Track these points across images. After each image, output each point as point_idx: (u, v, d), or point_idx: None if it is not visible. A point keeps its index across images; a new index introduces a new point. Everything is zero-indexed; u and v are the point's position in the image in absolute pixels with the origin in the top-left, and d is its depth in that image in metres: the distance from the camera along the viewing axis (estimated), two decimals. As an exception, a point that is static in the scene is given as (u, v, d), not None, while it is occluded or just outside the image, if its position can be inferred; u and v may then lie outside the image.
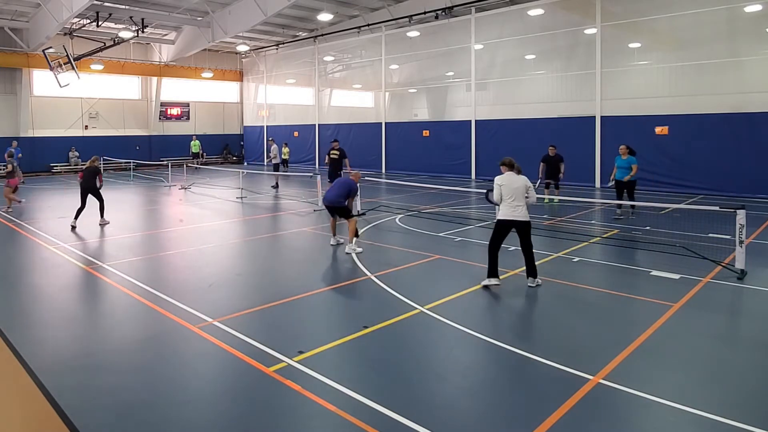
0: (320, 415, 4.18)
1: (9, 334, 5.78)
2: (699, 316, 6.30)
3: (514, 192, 7.14)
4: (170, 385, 4.74)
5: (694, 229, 10.75)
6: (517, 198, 7.14)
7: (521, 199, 7.14)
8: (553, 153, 15.15)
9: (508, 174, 7.32)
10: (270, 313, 6.51)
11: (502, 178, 7.29)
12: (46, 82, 26.60)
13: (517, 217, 7.15)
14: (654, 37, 19.22)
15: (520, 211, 7.15)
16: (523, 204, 7.16)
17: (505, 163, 7.45)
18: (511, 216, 7.15)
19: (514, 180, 7.22)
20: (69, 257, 9.43)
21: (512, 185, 7.18)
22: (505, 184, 7.23)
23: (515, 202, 7.13)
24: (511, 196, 7.15)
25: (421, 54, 25.54)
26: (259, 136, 33.77)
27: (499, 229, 7.28)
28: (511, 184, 7.20)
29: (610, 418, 4.11)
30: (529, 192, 7.18)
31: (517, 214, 7.15)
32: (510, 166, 7.40)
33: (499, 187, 7.28)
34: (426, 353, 5.33)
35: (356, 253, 9.31)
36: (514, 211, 7.14)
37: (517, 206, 7.13)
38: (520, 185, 7.18)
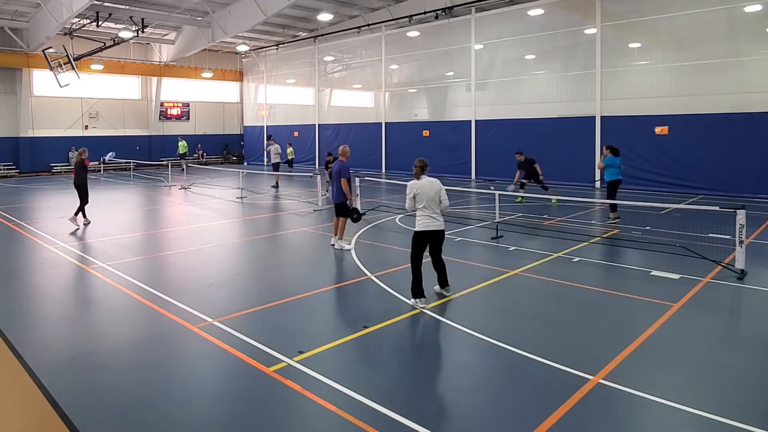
0: (320, 415, 4.18)
1: (9, 334, 5.78)
2: (699, 316, 6.30)
3: (430, 199, 6.53)
4: (170, 385, 4.74)
5: (694, 229, 10.75)
6: (432, 206, 6.55)
7: (437, 206, 6.57)
8: (521, 159, 15.45)
9: (422, 179, 6.67)
10: (270, 313, 6.51)
11: (417, 183, 6.64)
12: (46, 82, 26.60)
13: (437, 227, 6.58)
14: (654, 37, 19.22)
15: (438, 220, 6.59)
16: (439, 211, 6.61)
17: (417, 166, 6.76)
18: (432, 226, 6.56)
19: (429, 185, 6.59)
20: (69, 257, 9.43)
21: (427, 192, 6.55)
22: (420, 191, 6.59)
23: (432, 210, 6.55)
24: (427, 203, 6.54)
25: (421, 54, 25.54)
26: (259, 136, 33.78)
27: (420, 243, 6.65)
28: (426, 190, 6.56)
29: (610, 418, 4.11)
30: (442, 197, 6.58)
31: (437, 224, 6.58)
32: (422, 169, 6.76)
33: (414, 193, 6.63)
34: (426, 353, 5.33)
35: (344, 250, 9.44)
36: (432, 221, 6.56)
37: (435, 214, 6.56)
38: (435, 192, 6.57)
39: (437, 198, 6.55)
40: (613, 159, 12.28)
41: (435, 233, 6.61)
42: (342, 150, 9.91)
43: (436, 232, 6.60)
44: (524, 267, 8.40)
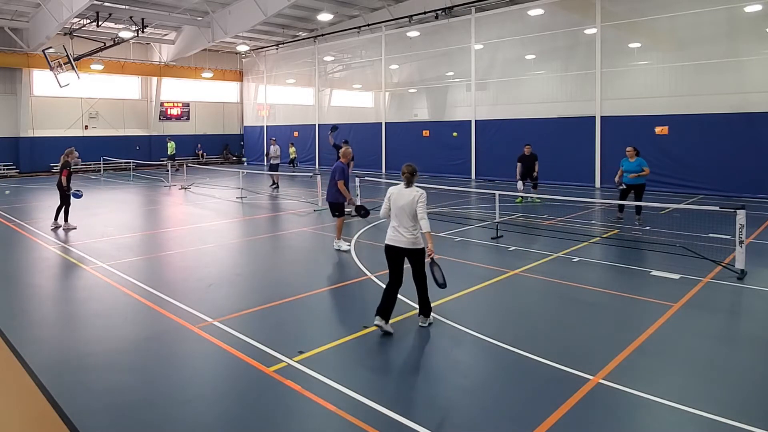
0: (320, 415, 4.18)
1: (9, 334, 5.78)
2: (699, 316, 6.30)
3: (399, 210, 5.78)
4: (170, 385, 4.74)
5: (694, 229, 10.74)
6: (402, 218, 5.77)
7: (408, 220, 5.73)
8: (528, 152, 15.30)
9: (400, 186, 5.93)
10: (270, 313, 6.51)
11: (393, 189, 5.98)
12: (46, 82, 26.60)
13: (399, 243, 5.77)
14: (654, 37, 19.22)
15: (404, 235, 5.75)
16: (410, 227, 5.74)
17: (402, 172, 5.97)
18: (393, 241, 5.83)
19: (402, 195, 5.82)
20: (69, 257, 9.42)
21: (397, 202, 5.81)
22: (392, 199, 5.93)
23: (399, 223, 5.80)
24: (397, 214, 5.82)
25: (421, 54, 25.53)
26: (259, 136, 33.77)
27: (387, 256, 5.95)
28: (396, 199, 5.85)
29: (610, 418, 4.11)
30: (419, 211, 5.66)
31: (399, 240, 5.78)
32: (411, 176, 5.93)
33: (387, 201, 6.01)
34: (426, 353, 5.32)
35: (341, 250, 9.38)
36: (396, 235, 5.80)
37: (402, 228, 5.77)
38: (406, 202, 5.73)
39: (408, 211, 5.71)
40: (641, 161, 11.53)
41: (396, 250, 5.82)
42: (343, 152, 9.69)
43: (397, 249, 5.81)
44: (524, 267, 8.40)
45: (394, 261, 5.88)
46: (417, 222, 5.71)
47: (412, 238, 5.75)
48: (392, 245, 5.84)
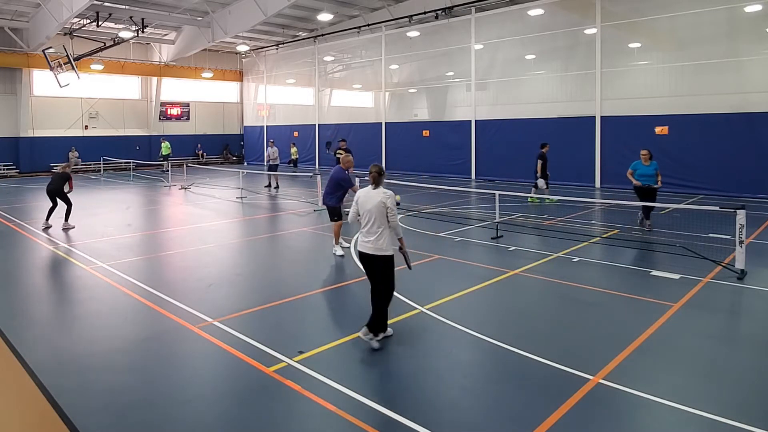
0: (320, 415, 4.18)
1: (9, 334, 5.78)
2: (699, 316, 6.30)
3: (367, 214, 5.42)
4: (170, 385, 4.74)
5: (694, 229, 10.74)
6: (369, 222, 5.40)
7: (375, 225, 5.36)
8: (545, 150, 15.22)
9: (368, 188, 5.58)
10: (270, 313, 6.51)
11: (362, 192, 5.61)
12: (46, 82, 26.60)
13: (369, 250, 5.38)
14: (654, 37, 19.22)
15: (374, 241, 5.35)
16: (380, 231, 5.34)
17: (369, 172, 5.60)
18: (363, 248, 5.44)
19: (369, 197, 5.46)
20: (69, 257, 9.42)
21: (365, 205, 5.46)
22: (359, 202, 5.56)
23: (370, 227, 5.39)
24: (366, 218, 5.44)
25: (421, 54, 25.54)
26: (259, 136, 33.77)
27: (362, 265, 5.60)
28: (363, 201, 5.49)
29: (610, 418, 4.11)
30: (389, 213, 5.34)
31: (368, 246, 5.38)
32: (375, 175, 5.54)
33: (355, 204, 5.62)
34: (426, 353, 5.32)
35: (337, 255, 9.20)
36: (366, 241, 5.42)
37: (369, 233, 5.39)
38: (374, 205, 5.36)
39: (376, 214, 5.34)
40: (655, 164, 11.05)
41: (366, 258, 5.44)
42: (344, 159, 9.41)
43: (367, 257, 5.43)
44: (524, 267, 8.40)
45: (369, 268, 5.51)
46: (385, 226, 5.35)
47: (379, 244, 5.34)
48: (362, 252, 5.48)
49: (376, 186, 5.51)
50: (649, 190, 10.89)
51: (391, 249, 5.41)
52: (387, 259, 5.39)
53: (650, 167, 10.91)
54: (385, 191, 5.46)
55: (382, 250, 5.36)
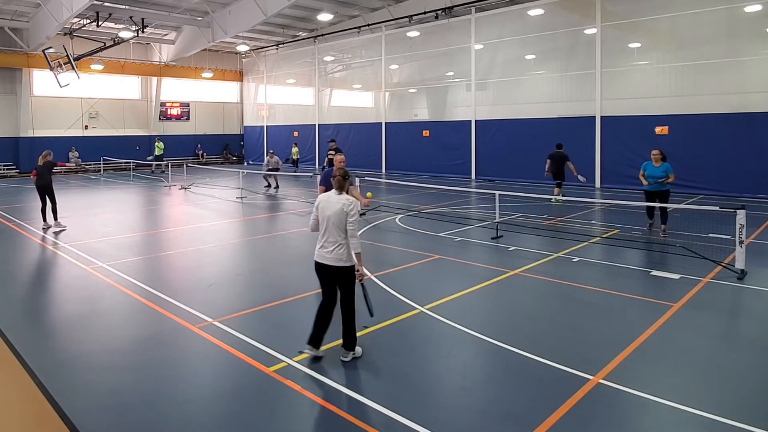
0: (320, 414, 4.18)
1: (9, 334, 5.78)
2: (699, 316, 6.30)
3: (326, 221, 5.03)
4: (170, 385, 4.74)
5: (694, 229, 10.75)
6: (329, 230, 5.01)
7: (335, 233, 4.97)
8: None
9: (330, 193, 5.14)
10: (270, 313, 6.51)
11: (323, 197, 5.17)
12: (46, 82, 26.58)
13: (325, 261, 5.01)
14: (654, 37, 19.22)
15: (329, 250, 4.99)
16: (338, 241, 4.96)
17: (333, 176, 5.19)
18: (320, 256, 5.07)
19: (330, 203, 5.04)
20: (69, 257, 9.42)
21: (325, 210, 5.05)
22: (320, 207, 5.14)
23: (327, 236, 5.03)
24: (325, 225, 5.06)
25: (421, 54, 25.54)
26: (259, 136, 33.78)
27: (317, 275, 5.19)
28: (325, 208, 5.07)
29: (610, 418, 4.11)
30: (350, 221, 4.93)
31: (325, 257, 5.01)
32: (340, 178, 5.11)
33: (315, 210, 5.20)
34: (426, 353, 5.32)
35: None
36: (323, 250, 5.05)
37: (328, 242, 5.01)
38: (334, 212, 4.97)
39: (336, 221, 4.95)
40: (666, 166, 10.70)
41: (324, 269, 5.07)
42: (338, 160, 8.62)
43: (324, 268, 5.05)
44: (524, 267, 8.40)
45: (324, 280, 5.14)
46: (345, 236, 4.95)
47: (339, 254, 4.95)
48: (318, 262, 5.10)
49: (340, 191, 5.08)
50: (658, 194, 10.56)
51: (353, 259, 5.02)
52: (348, 270, 5.00)
53: (659, 169, 10.54)
54: (348, 198, 5.04)
55: (342, 261, 4.96)
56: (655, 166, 10.61)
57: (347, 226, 4.94)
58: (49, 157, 12.45)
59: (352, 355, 5.10)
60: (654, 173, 10.57)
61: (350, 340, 5.10)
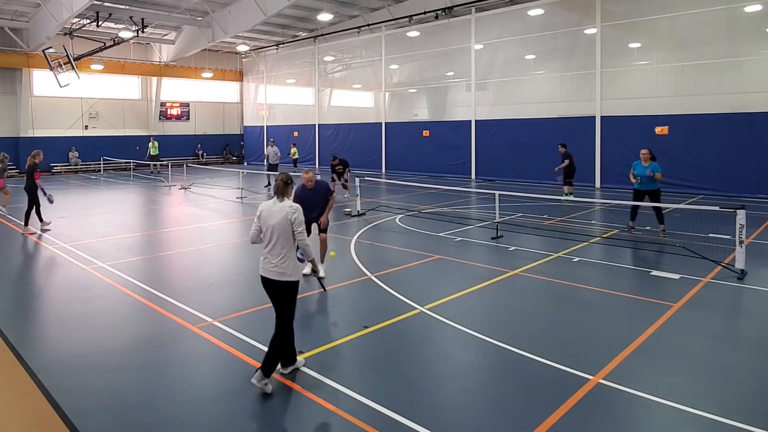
0: (320, 415, 4.18)
1: (9, 334, 5.78)
2: (699, 316, 6.30)
3: (269, 231, 4.64)
4: (170, 385, 4.73)
5: (694, 229, 10.74)
6: (272, 241, 4.62)
7: (278, 244, 4.59)
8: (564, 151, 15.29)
9: (272, 201, 4.77)
10: (270, 313, 6.47)
11: (265, 206, 4.78)
12: (46, 82, 26.60)
13: (270, 275, 4.61)
14: (654, 37, 19.22)
15: (277, 264, 4.58)
16: (285, 252, 4.59)
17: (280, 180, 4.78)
18: (266, 271, 4.65)
19: (273, 212, 4.67)
20: (69, 257, 9.42)
21: (267, 220, 4.67)
22: (262, 216, 4.73)
23: (273, 247, 4.62)
24: (268, 236, 4.65)
25: (421, 54, 25.54)
26: (259, 136, 33.78)
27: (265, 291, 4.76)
28: (267, 218, 4.68)
29: (610, 418, 4.11)
30: (297, 231, 4.61)
31: (270, 271, 4.61)
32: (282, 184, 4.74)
33: (257, 219, 4.77)
34: (426, 353, 5.32)
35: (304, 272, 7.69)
36: (268, 263, 4.64)
37: (271, 254, 4.61)
38: (277, 221, 4.60)
39: (279, 231, 4.59)
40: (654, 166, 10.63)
41: (268, 283, 4.66)
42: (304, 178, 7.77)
43: (269, 282, 4.65)
44: (524, 267, 8.40)
45: (271, 295, 4.74)
46: (290, 247, 4.63)
47: (283, 267, 4.58)
48: (263, 276, 4.68)
49: (281, 198, 4.71)
50: (648, 192, 10.59)
51: (298, 274, 4.69)
52: (290, 285, 4.63)
53: (647, 168, 10.55)
54: (291, 204, 4.69)
55: (286, 275, 4.59)
56: (643, 166, 10.63)
57: (295, 235, 4.62)
58: (37, 159, 11.86)
59: (288, 370, 4.76)
60: (642, 172, 10.62)
61: (288, 356, 4.75)
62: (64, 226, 12.40)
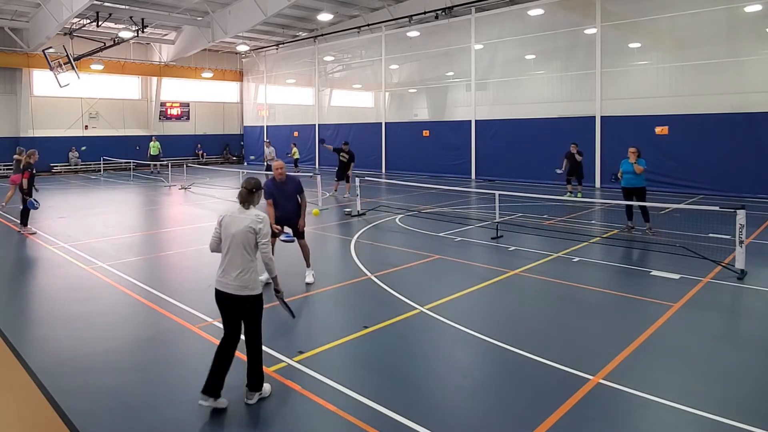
0: (320, 414, 4.18)
1: (9, 334, 5.78)
2: (699, 316, 6.30)
3: (229, 241, 4.27)
4: (170, 385, 4.74)
5: (694, 229, 10.74)
6: (232, 252, 4.24)
7: (239, 256, 4.22)
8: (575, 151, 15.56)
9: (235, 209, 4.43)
10: (270, 313, 6.49)
11: (227, 213, 4.44)
12: (46, 82, 26.60)
13: (228, 290, 4.22)
14: (654, 37, 19.23)
15: (237, 277, 4.19)
16: (242, 265, 4.20)
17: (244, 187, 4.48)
18: (221, 286, 4.26)
19: (235, 220, 4.32)
20: (69, 257, 9.42)
21: (229, 228, 4.30)
22: (223, 224, 4.37)
23: (230, 258, 4.24)
24: (227, 246, 4.29)
25: (421, 54, 25.54)
26: (259, 136, 33.78)
27: (218, 306, 4.35)
28: (228, 226, 4.32)
29: (610, 418, 4.11)
30: (261, 242, 4.25)
31: (228, 285, 4.21)
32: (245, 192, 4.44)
33: (218, 226, 4.42)
34: (426, 353, 5.32)
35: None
36: (226, 276, 4.24)
37: (231, 266, 4.23)
38: (238, 230, 4.24)
39: (241, 241, 4.22)
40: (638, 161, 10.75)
41: (226, 298, 4.25)
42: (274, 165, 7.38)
43: (226, 297, 4.24)
44: (524, 267, 8.40)
45: (226, 312, 4.32)
46: (252, 258, 4.25)
47: (244, 280, 4.19)
48: (219, 291, 4.29)
49: (246, 206, 4.38)
50: (634, 191, 10.71)
51: (260, 286, 4.30)
52: (254, 299, 4.24)
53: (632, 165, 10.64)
54: (258, 214, 4.32)
55: (248, 289, 4.19)
56: (630, 162, 10.74)
57: (259, 247, 4.24)
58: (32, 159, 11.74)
59: (258, 396, 4.34)
60: (627, 168, 10.74)
61: (257, 379, 4.34)
62: (64, 225, 12.40)
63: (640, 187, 10.78)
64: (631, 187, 10.78)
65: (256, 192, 4.47)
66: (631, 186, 10.78)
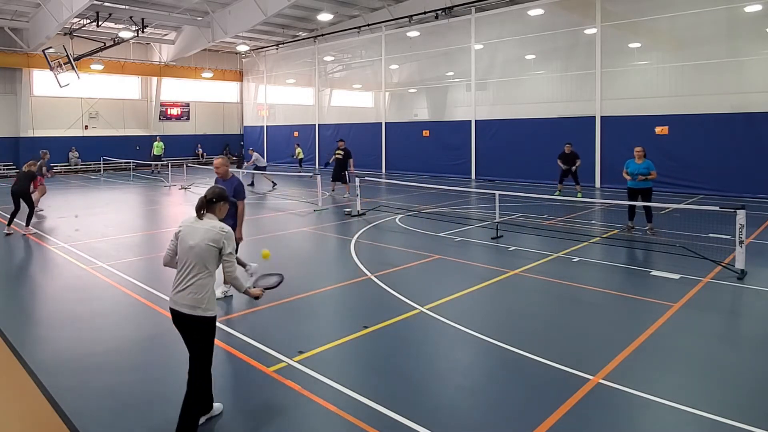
0: (320, 415, 4.18)
1: (9, 334, 5.78)
2: (699, 316, 6.30)
3: (185, 254, 3.79)
4: (170, 385, 4.73)
5: (694, 229, 10.74)
6: (189, 266, 3.77)
7: (194, 270, 3.75)
8: (569, 151, 15.94)
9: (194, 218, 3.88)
10: (270, 313, 6.51)
11: (184, 223, 3.92)
12: (46, 82, 26.60)
13: (180, 308, 3.75)
14: (654, 37, 19.23)
15: (189, 295, 3.73)
16: (198, 280, 3.73)
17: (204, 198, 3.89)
18: (176, 303, 3.79)
19: (194, 232, 3.80)
20: (69, 257, 9.42)
21: (186, 240, 3.80)
22: (180, 236, 3.87)
23: (185, 273, 3.78)
24: (183, 259, 3.81)
25: (421, 54, 25.54)
26: (259, 136, 33.79)
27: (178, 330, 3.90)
28: (186, 237, 3.81)
29: (610, 418, 4.11)
30: (226, 260, 3.79)
31: (180, 302, 3.75)
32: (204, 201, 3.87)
33: (174, 238, 3.93)
34: (426, 353, 5.32)
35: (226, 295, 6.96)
36: (178, 293, 3.78)
37: (185, 281, 3.76)
38: (196, 243, 3.74)
39: (199, 254, 3.72)
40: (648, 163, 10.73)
41: (178, 318, 3.79)
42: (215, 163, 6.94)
43: (179, 316, 3.79)
44: (524, 267, 8.40)
45: (182, 333, 3.89)
46: (208, 274, 3.76)
47: (196, 299, 3.72)
48: (171, 309, 3.85)
49: (202, 216, 3.86)
50: (641, 191, 10.70)
51: (215, 307, 3.84)
52: (205, 321, 3.75)
53: (641, 166, 10.63)
54: (223, 227, 3.80)
55: (200, 309, 3.72)
56: (637, 163, 10.71)
57: (223, 265, 3.79)
58: (34, 167, 12.22)
59: (202, 420, 3.96)
60: (636, 170, 10.65)
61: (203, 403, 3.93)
62: (64, 225, 12.39)
63: (647, 187, 10.74)
64: (638, 187, 10.74)
65: (216, 203, 3.90)
66: (638, 187, 10.73)
